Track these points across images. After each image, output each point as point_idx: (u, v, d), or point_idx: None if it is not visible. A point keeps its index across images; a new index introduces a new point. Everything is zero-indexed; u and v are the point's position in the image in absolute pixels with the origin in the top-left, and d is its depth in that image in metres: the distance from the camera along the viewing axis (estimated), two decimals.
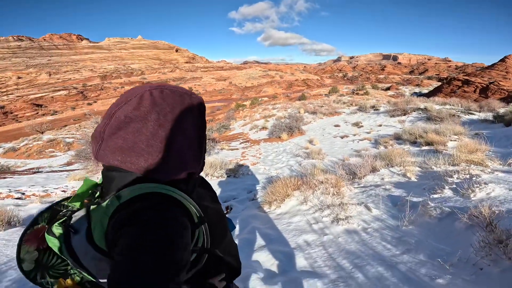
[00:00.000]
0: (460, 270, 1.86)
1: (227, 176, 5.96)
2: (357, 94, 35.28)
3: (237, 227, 3.31)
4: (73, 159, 11.27)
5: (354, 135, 10.38)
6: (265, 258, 2.48)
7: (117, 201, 0.62)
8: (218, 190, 5.17)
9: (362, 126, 11.76)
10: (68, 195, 0.81)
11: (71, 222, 0.72)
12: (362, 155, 6.02)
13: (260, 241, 2.84)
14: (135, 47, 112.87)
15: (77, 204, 0.80)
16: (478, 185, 2.89)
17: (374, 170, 4.70)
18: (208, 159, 6.67)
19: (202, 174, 5.86)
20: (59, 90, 70.85)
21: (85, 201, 0.79)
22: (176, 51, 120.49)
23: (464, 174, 3.41)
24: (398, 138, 8.06)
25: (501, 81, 34.72)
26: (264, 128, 14.95)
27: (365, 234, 2.69)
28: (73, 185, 5.87)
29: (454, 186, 3.17)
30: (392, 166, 4.71)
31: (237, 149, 10.43)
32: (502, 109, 10.04)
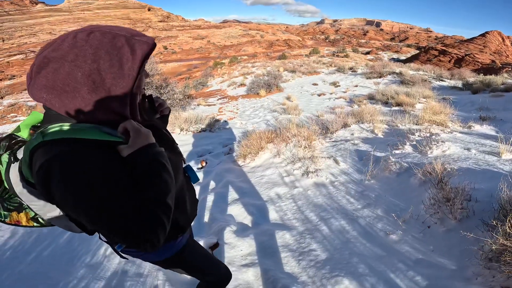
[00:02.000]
0: (411, 226, 2.09)
1: (203, 131, 5.95)
2: (338, 56, 35.47)
3: (212, 181, 3.43)
4: None
5: (331, 93, 10.57)
6: (238, 212, 2.64)
7: (41, 137, 0.64)
8: (193, 144, 5.19)
9: (339, 86, 12.00)
10: None
11: (17, 151, 0.77)
12: (336, 112, 6.18)
13: (234, 195, 2.98)
14: (100, 7, 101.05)
15: (25, 134, 0.82)
16: (435, 143, 3.13)
17: (345, 125, 4.89)
18: (183, 114, 6.55)
19: (177, 128, 5.79)
20: (15, 55, 64.42)
21: (31, 131, 0.82)
22: (149, 10, 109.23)
23: (425, 133, 3.66)
24: (371, 98, 8.35)
25: (477, 54, 35.81)
26: (242, 85, 14.78)
27: (332, 187, 2.91)
28: None
29: (415, 143, 3.41)
30: (362, 123, 4.92)
31: (214, 104, 10.29)
32: (471, 78, 10.60)
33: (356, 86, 11.58)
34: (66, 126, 0.66)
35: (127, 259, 1.07)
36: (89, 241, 2.28)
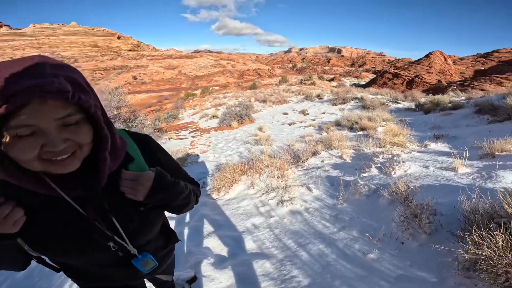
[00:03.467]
0: (386, 244, 2.16)
1: None
2: (305, 84, 37.58)
3: (187, 215, 3.33)
4: None
5: (301, 122, 10.96)
6: (215, 244, 2.57)
7: None
8: None
9: (308, 114, 12.52)
10: None
11: None
12: (307, 141, 6.41)
13: (209, 228, 2.91)
14: (67, 34, 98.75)
15: None
16: (397, 164, 3.34)
17: (315, 153, 5.07)
18: None
19: None
20: None
21: None
22: (118, 38, 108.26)
23: (388, 154, 3.91)
24: (338, 124, 8.75)
25: (424, 74, 39.83)
26: (214, 116, 14.88)
27: (307, 214, 2.95)
28: None
29: (379, 165, 3.61)
30: (331, 149, 5.13)
31: (186, 138, 10.20)
32: (422, 99, 11.61)
33: (324, 113, 12.14)
34: None
35: None
36: (50, 276, 2.10)
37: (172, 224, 3.07)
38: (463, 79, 39.12)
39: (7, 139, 0.56)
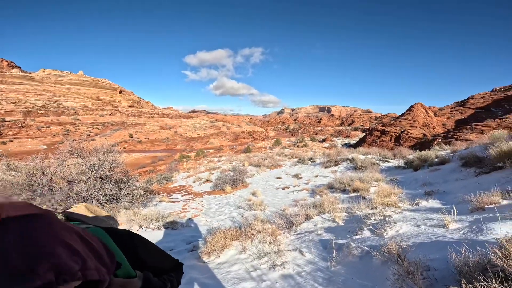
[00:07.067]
0: None
1: (165, 228, 5.65)
2: (298, 146, 38.15)
3: None
4: None
5: (294, 186, 10.91)
6: None
7: None
8: (153, 242, 4.85)
9: (301, 178, 12.51)
10: None
11: None
12: (300, 205, 6.36)
13: None
14: (72, 83, 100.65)
15: None
16: (389, 225, 3.34)
17: (308, 218, 5.02)
18: (144, 211, 6.32)
19: (135, 225, 5.47)
20: None
21: None
22: (120, 92, 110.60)
23: (379, 216, 3.91)
24: (331, 187, 8.69)
25: (409, 129, 40.90)
26: (208, 180, 14.82)
27: (299, 278, 2.82)
28: None
29: (371, 227, 3.59)
30: (324, 213, 5.09)
31: (178, 201, 10.03)
32: (411, 156, 11.68)
33: (317, 176, 12.09)
34: None
35: None
36: None
37: None
38: (446, 130, 40.03)
39: None
